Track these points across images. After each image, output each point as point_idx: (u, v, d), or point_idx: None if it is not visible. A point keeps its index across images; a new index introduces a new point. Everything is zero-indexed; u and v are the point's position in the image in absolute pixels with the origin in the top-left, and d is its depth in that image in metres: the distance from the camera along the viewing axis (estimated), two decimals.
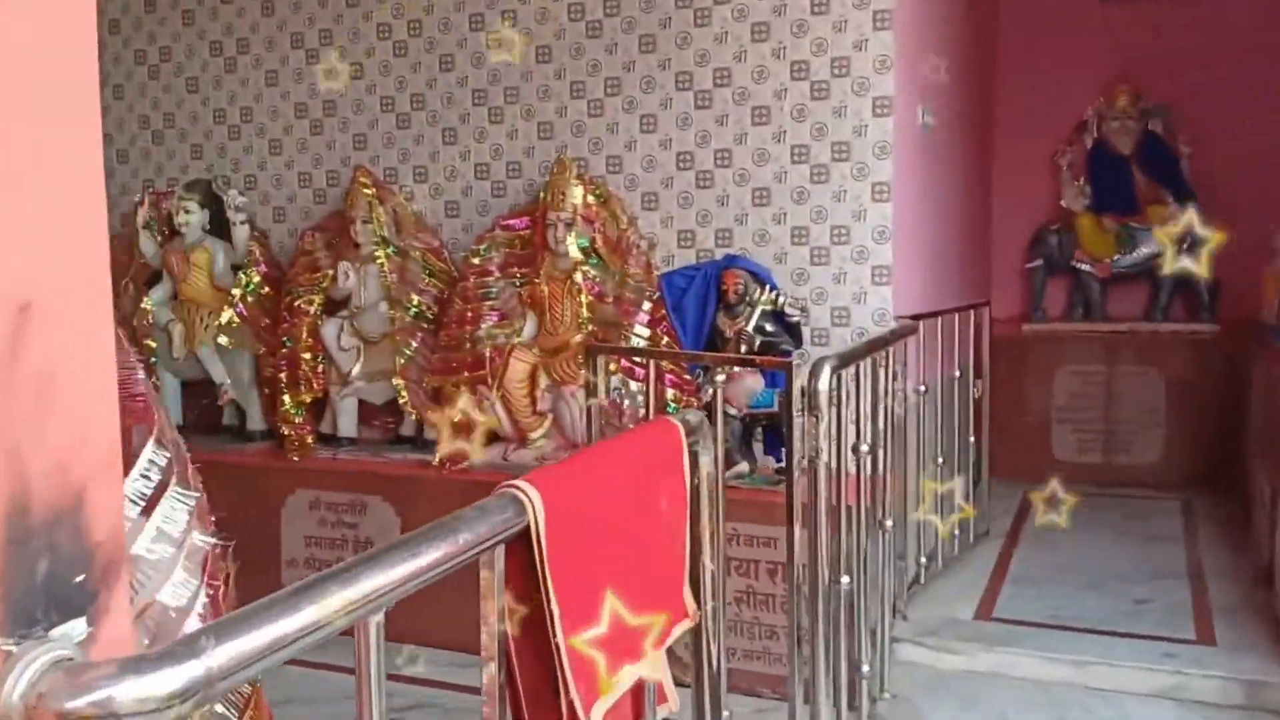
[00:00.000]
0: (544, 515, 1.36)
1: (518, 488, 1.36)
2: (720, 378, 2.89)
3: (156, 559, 1.05)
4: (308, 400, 4.35)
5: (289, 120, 4.68)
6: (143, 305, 4.55)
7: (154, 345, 4.60)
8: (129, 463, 1.06)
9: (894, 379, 3.69)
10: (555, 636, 1.36)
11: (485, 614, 1.32)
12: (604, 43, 4.15)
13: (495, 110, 4.33)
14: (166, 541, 1.08)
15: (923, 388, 4.00)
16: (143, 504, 1.07)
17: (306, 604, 1.00)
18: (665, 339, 3.87)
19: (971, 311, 4.63)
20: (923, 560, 4.11)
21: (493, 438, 4.12)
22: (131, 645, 0.91)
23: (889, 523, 3.59)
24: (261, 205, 4.74)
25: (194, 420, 4.76)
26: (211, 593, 1.14)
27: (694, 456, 1.95)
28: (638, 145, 4.14)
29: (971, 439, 4.59)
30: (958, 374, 4.38)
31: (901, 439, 3.82)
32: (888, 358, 3.61)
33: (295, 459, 4.29)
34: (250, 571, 4.44)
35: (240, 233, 4.50)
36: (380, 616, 1.09)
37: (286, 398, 4.33)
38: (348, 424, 4.40)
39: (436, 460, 4.02)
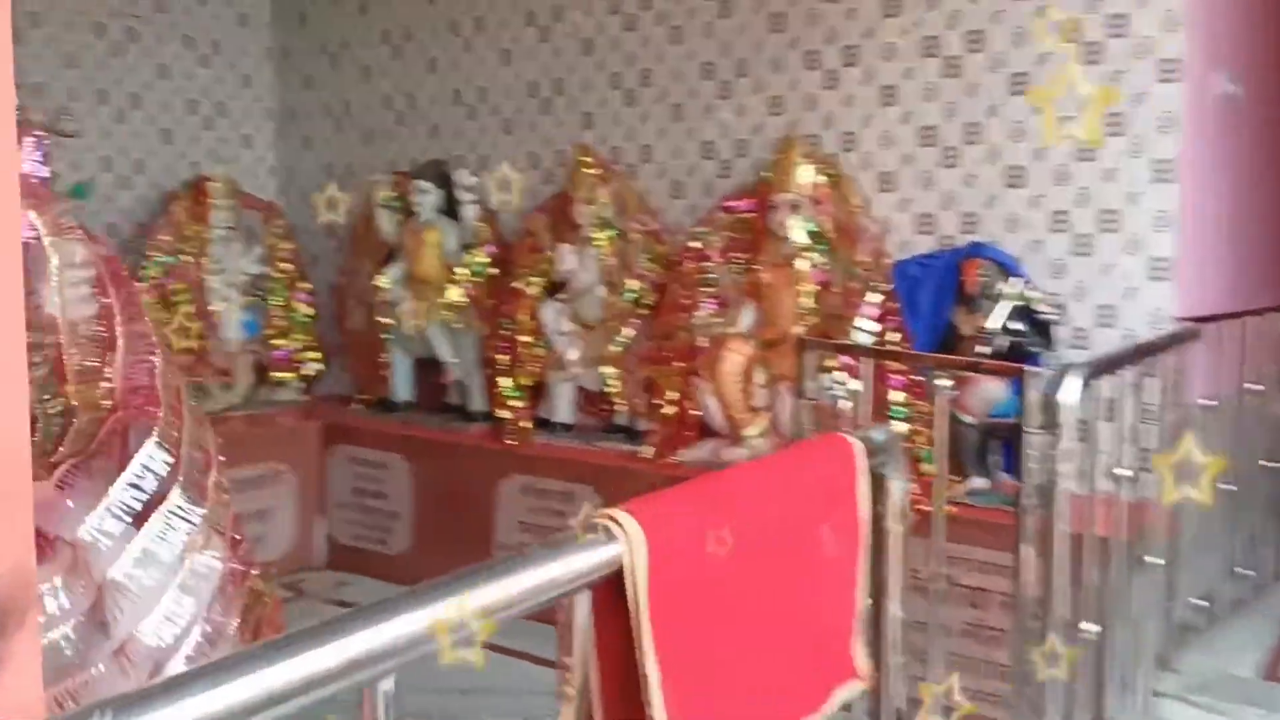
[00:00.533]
0: (646, 556, 1.09)
1: (612, 518, 1.10)
2: (944, 382, 2.51)
3: (138, 587, 0.88)
4: (526, 384, 4.28)
5: (521, 100, 4.62)
6: (376, 282, 4.64)
7: (388, 322, 4.68)
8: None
9: (1169, 391, 3.14)
10: (650, 708, 1.09)
11: (562, 671, 1.08)
12: (842, 8, 3.78)
13: (724, 85, 4.07)
14: (154, 565, 0.90)
15: (1211, 402, 3.40)
16: (129, 519, 0.91)
17: (270, 666, 0.79)
18: (895, 335, 3.48)
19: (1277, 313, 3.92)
20: (1200, 603, 3.51)
21: (705, 432, 3.89)
22: (41, 703, 0.73)
23: (1156, 559, 3.07)
24: (493, 186, 4.71)
25: (422, 398, 4.82)
26: (211, 628, 0.96)
27: (878, 480, 1.63)
28: (875, 120, 3.75)
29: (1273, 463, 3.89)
30: (1258, 387, 3.71)
31: None
32: (1162, 366, 3.07)
33: (511, 443, 4.23)
34: (464, 556, 4.44)
35: (469, 213, 4.49)
36: (389, 684, 0.87)
37: (506, 380, 4.27)
38: (564, 410, 4.30)
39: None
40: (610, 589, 1.09)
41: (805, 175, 3.66)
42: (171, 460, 0.95)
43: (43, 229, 0.95)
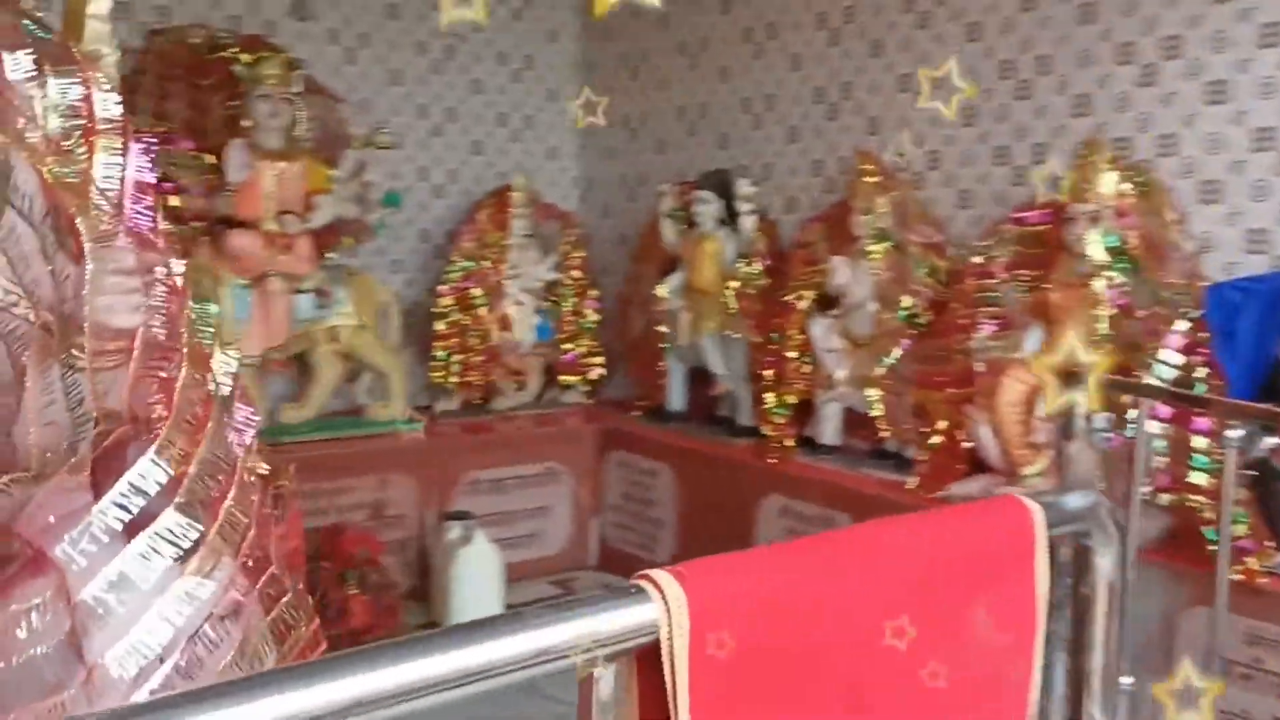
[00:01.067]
0: (688, 629, 0.94)
1: (651, 580, 0.95)
2: (1235, 433, 2.09)
3: (106, 612, 0.86)
4: (792, 401, 4.11)
5: (807, 106, 4.46)
6: (656, 292, 4.65)
7: (665, 331, 4.69)
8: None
9: None
10: None
11: None
12: None
13: (1023, 84, 3.69)
14: (129, 590, 0.87)
15: None
16: (108, 539, 0.88)
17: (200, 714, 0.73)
18: (1205, 370, 2.98)
19: None
20: None
21: (979, 467, 3.54)
22: None
23: None
24: (775, 195, 4.59)
25: (696, 408, 4.78)
26: (187, 661, 0.91)
27: (1083, 554, 1.36)
28: (1200, 120, 3.25)
29: None
30: None
31: None
32: None
33: (772, 461, 4.08)
34: None
35: (747, 223, 4.39)
36: None
37: (771, 396, 4.13)
38: (830, 431, 4.09)
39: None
40: (645, 666, 0.95)
41: (1107, 183, 3.22)
42: (168, 478, 0.92)
43: (86, 234, 0.96)
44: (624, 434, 4.85)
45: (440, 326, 4.84)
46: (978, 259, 3.59)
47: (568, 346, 5.17)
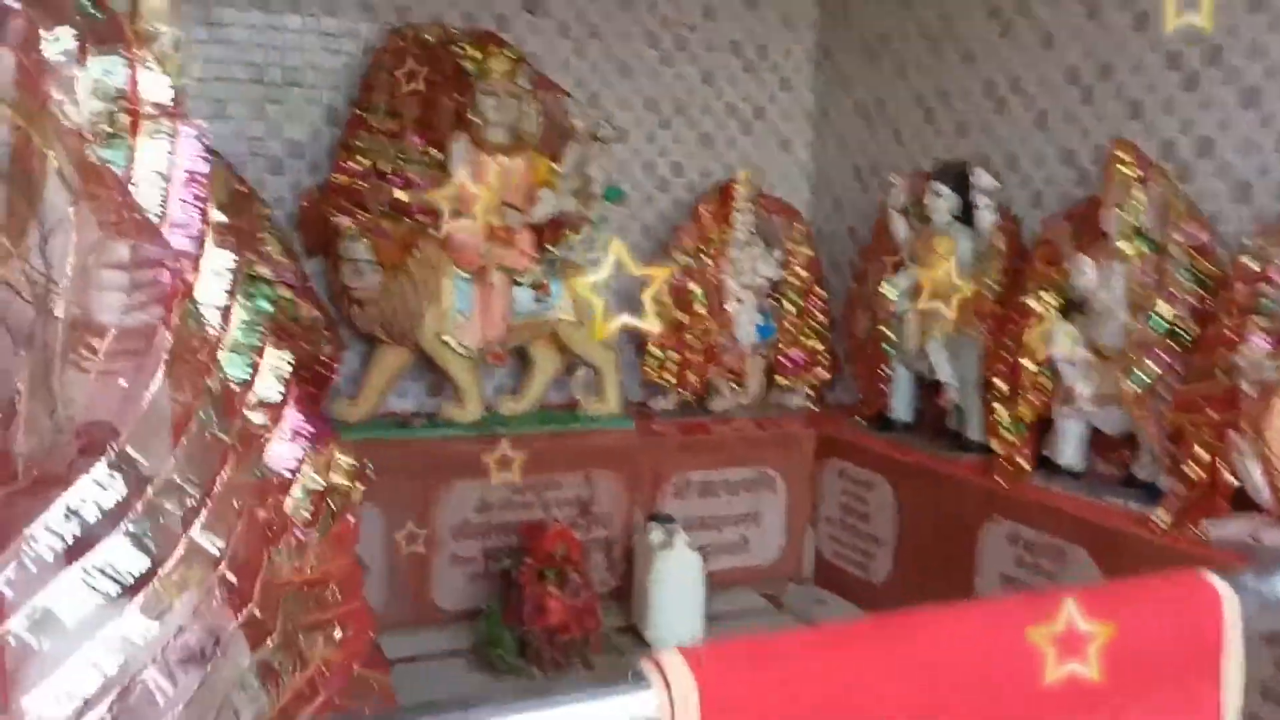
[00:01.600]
0: None
1: (657, 666, 0.76)
2: None
3: (26, 653, 0.75)
4: (1026, 417, 3.70)
5: (1058, 89, 4.00)
6: (881, 291, 4.34)
7: (891, 335, 4.38)
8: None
9: None
10: None
11: None
12: None
13: None
14: (53, 629, 0.77)
15: None
16: (36, 570, 0.78)
17: None
18: None
19: None
20: None
21: (1245, 504, 3.03)
22: None
23: None
24: (1019, 188, 4.16)
25: (923, 419, 4.43)
26: (117, 713, 0.80)
27: None
28: None
29: None
30: None
31: None
32: None
33: (1001, 481, 3.69)
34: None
35: (984, 219, 4.01)
36: None
37: (1002, 409, 3.74)
38: (1071, 452, 3.64)
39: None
40: None
41: None
42: (116, 500, 0.82)
43: (84, 222, 0.88)
44: (842, 442, 4.57)
45: None
46: (1251, 261, 3.07)
47: (788, 348, 4.94)
